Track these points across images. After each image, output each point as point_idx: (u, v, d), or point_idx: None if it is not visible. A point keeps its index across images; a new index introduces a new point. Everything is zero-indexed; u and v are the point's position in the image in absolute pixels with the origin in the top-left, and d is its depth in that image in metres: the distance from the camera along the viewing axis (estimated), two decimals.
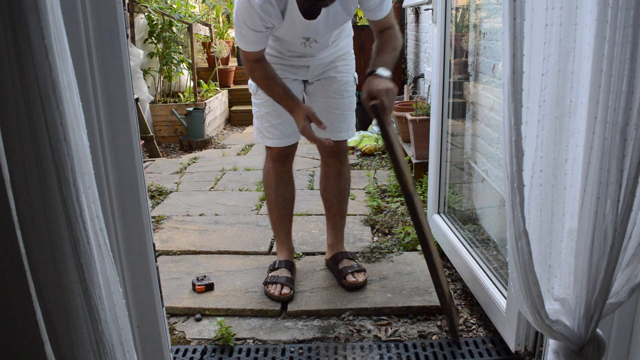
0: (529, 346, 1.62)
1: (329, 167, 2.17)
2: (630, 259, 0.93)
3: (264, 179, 2.17)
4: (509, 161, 0.87)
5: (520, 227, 0.89)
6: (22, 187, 0.68)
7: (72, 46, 0.75)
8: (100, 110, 1.13)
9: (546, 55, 0.86)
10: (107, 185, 1.17)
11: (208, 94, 5.36)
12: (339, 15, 1.83)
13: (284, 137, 2.05)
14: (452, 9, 2.35)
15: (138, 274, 1.28)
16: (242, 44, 1.81)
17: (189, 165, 4.12)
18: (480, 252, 2.09)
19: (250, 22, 1.72)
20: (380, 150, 4.19)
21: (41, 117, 0.66)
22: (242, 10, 1.71)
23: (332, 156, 2.14)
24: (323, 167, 2.21)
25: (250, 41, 1.79)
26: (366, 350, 1.76)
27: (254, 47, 1.81)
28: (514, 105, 0.84)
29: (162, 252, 2.48)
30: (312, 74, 2.04)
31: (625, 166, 0.82)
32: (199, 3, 6.04)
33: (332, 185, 2.18)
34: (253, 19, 1.71)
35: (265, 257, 2.42)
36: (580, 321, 0.95)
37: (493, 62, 2.32)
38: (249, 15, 1.70)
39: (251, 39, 1.78)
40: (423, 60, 4.76)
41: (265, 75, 1.88)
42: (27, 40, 0.64)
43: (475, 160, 2.52)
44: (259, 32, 1.75)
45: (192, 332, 1.89)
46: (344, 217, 2.25)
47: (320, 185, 2.23)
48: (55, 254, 0.70)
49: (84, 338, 0.74)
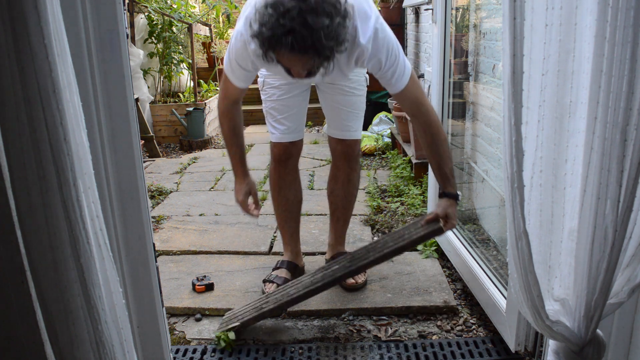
0: (529, 346, 1.62)
1: (338, 170, 2.13)
2: (631, 259, 0.93)
3: (269, 181, 2.15)
4: (509, 161, 0.87)
5: (521, 227, 0.89)
6: (22, 187, 0.68)
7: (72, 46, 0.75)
8: (100, 110, 1.13)
9: (546, 55, 0.86)
10: (107, 185, 1.17)
11: (208, 94, 5.36)
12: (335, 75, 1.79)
13: (288, 132, 2.01)
14: (452, 9, 2.35)
15: (138, 274, 1.28)
16: (229, 73, 1.77)
17: (189, 165, 4.12)
18: (480, 252, 2.09)
19: (242, 61, 1.69)
20: (380, 150, 4.19)
21: (41, 117, 0.66)
22: (237, 47, 1.68)
23: (343, 159, 2.09)
24: (333, 169, 2.17)
25: (237, 76, 1.75)
26: (366, 350, 1.76)
27: (239, 83, 1.77)
28: (514, 105, 0.84)
29: (162, 252, 2.48)
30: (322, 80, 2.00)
31: (625, 166, 0.82)
32: (199, 3, 6.04)
33: (340, 189, 2.14)
34: (244, 58, 1.67)
35: (265, 257, 2.42)
36: (581, 322, 0.95)
37: (493, 62, 2.32)
38: (241, 55, 1.67)
39: (239, 75, 1.75)
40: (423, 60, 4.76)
41: (233, 128, 1.85)
42: (27, 40, 0.64)
43: (475, 160, 2.52)
44: (247, 72, 1.73)
45: (192, 332, 1.89)
46: (347, 221, 2.24)
47: (328, 186, 2.20)
48: (55, 254, 0.70)
49: (84, 338, 0.74)
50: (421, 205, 2.89)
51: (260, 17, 1.40)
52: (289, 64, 1.49)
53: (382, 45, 1.62)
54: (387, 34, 1.65)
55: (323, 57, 1.41)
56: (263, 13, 1.39)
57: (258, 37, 1.42)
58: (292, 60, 1.46)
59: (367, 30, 1.58)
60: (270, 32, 1.38)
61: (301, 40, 1.35)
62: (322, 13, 1.36)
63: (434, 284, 2.11)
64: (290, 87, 1.97)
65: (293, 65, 1.49)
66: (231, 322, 1.83)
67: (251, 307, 1.88)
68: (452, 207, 1.74)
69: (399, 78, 1.68)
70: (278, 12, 1.36)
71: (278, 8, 1.36)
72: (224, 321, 1.87)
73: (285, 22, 1.35)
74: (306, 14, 1.34)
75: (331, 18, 1.37)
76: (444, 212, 1.74)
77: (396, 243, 1.74)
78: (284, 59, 1.46)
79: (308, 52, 1.39)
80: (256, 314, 1.81)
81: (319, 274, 1.86)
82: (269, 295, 1.92)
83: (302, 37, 1.35)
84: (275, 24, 1.36)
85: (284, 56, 1.45)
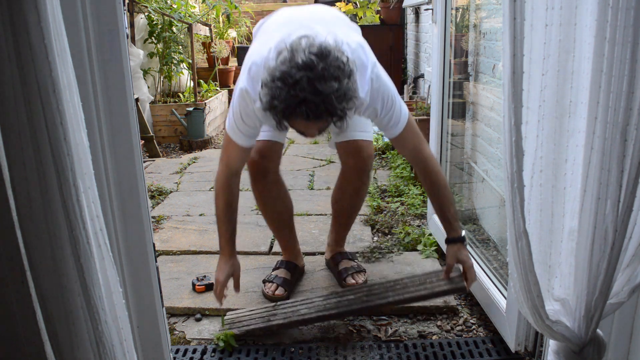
0: (529, 346, 1.62)
1: (348, 183, 2.06)
2: (631, 259, 0.93)
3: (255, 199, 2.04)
4: (509, 161, 0.87)
5: (521, 227, 0.89)
6: (22, 187, 0.68)
7: (72, 46, 0.75)
8: (100, 110, 1.13)
9: (546, 55, 0.86)
10: (107, 185, 1.17)
11: (208, 94, 5.36)
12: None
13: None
14: (452, 9, 2.35)
15: (138, 274, 1.28)
16: (232, 132, 1.71)
17: (189, 165, 4.12)
18: (480, 252, 2.09)
19: (246, 116, 1.65)
20: (380, 150, 4.19)
21: (41, 117, 0.66)
22: (241, 102, 1.65)
23: (355, 173, 2.01)
24: (341, 179, 2.08)
25: (242, 130, 1.70)
26: (366, 350, 1.76)
27: (243, 140, 1.71)
28: (514, 105, 0.84)
29: (162, 252, 2.48)
30: None
31: (625, 166, 0.82)
32: (199, 3, 6.04)
33: (346, 200, 2.10)
34: (248, 113, 1.64)
35: (265, 257, 2.42)
36: (581, 321, 0.95)
37: (493, 62, 2.32)
38: (244, 109, 1.64)
39: (243, 130, 1.70)
40: (423, 60, 4.76)
41: (230, 203, 1.79)
42: (27, 40, 0.64)
43: (475, 160, 2.52)
44: (252, 128, 1.69)
45: (192, 332, 1.89)
46: (350, 225, 2.22)
47: (334, 195, 2.14)
48: (55, 254, 0.70)
49: (84, 338, 0.74)
50: (421, 205, 2.89)
51: (270, 91, 1.41)
52: (304, 128, 1.52)
53: (377, 95, 1.64)
54: (382, 82, 1.66)
55: (336, 118, 1.44)
56: (272, 86, 1.40)
57: (271, 110, 1.44)
58: (307, 126, 1.49)
59: (364, 84, 1.59)
60: (284, 105, 1.39)
61: (314, 107, 1.37)
62: (329, 78, 1.38)
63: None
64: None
65: (307, 129, 1.52)
66: (235, 325, 1.83)
67: (258, 316, 1.86)
68: (461, 249, 1.76)
69: (395, 124, 1.70)
70: (287, 84, 1.37)
71: (287, 80, 1.37)
72: (227, 322, 1.87)
73: (296, 92, 1.36)
74: (315, 81, 1.36)
75: (339, 80, 1.40)
76: (454, 258, 1.77)
77: (417, 290, 1.75)
78: (298, 125, 1.50)
79: (322, 117, 1.42)
80: (263, 325, 1.80)
81: (332, 299, 1.84)
82: (277, 306, 1.91)
83: (315, 105, 1.37)
84: (287, 96, 1.38)
85: (298, 124, 1.48)
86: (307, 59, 1.37)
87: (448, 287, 1.75)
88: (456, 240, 1.77)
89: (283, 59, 1.40)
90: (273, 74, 1.40)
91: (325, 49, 1.40)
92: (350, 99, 1.44)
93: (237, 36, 6.53)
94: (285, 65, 1.38)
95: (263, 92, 1.44)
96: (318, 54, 1.38)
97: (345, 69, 1.42)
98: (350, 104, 1.45)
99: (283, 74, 1.38)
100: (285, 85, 1.37)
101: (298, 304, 1.89)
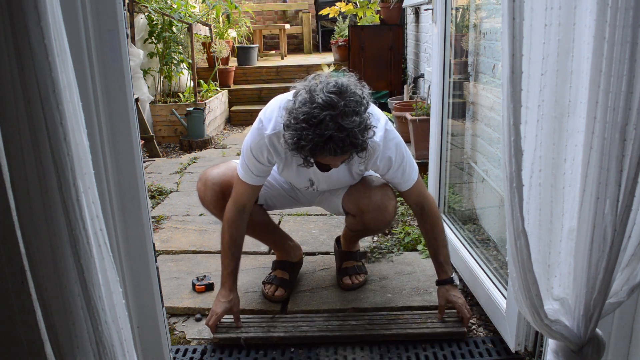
0: (529, 346, 1.62)
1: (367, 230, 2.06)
2: (630, 258, 0.93)
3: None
4: (508, 161, 0.87)
5: (519, 226, 0.89)
6: (22, 187, 0.68)
7: (72, 46, 0.75)
8: (100, 110, 1.13)
9: (545, 55, 0.86)
10: (107, 185, 1.17)
11: (208, 94, 5.36)
12: (342, 176, 1.83)
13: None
14: (452, 9, 2.35)
15: (138, 274, 1.28)
16: (242, 171, 1.77)
17: (189, 165, 4.12)
18: (480, 252, 2.09)
19: (257, 150, 1.69)
20: None
21: (41, 117, 0.66)
22: (253, 138, 1.70)
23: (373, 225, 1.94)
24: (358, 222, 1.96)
25: (249, 169, 1.74)
26: (366, 350, 1.76)
27: (250, 179, 1.76)
28: (513, 105, 0.84)
29: (162, 252, 2.48)
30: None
31: (624, 166, 0.82)
32: (199, 3, 6.03)
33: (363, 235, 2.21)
34: (260, 148, 1.69)
35: (265, 257, 2.42)
36: (580, 321, 0.95)
37: (493, 62, 2.32)
38: (257, 143, 1.69)
39: (251, 167, 1.73)
40: (423, 60, 4.76)
41: (236, 238, 1.82)
42: (27, 40, 0.64)
43: (475, 160, 2.52)
44: (261, 164, 1.72)
45: (192, 332, 1.89)
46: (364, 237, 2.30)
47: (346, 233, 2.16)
48: (55, 254, 0.70)
49: (84, 338, 0.74)
50: None
51: (295, 132, 1.46)
52: (330, 162, 1.58)
53: (392, 144, 1.71)
54: (396, 135, 1.76)
55: (360, 149, 1.51)
56: (296, 128, 1.46)
57: (298, 150, 1.50)
58: (333, 160, 1.55)
59: (379, 130, 1.65)
60: (311, 144, 1.44)
61: (340, 143, 1.44)
62: (350, 113, 1.44)
63: (434, 284, 2.10)
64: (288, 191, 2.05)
65: (333, 162, 1.58)
66: (231, 330, 1.81)
67: (256, 324, 1.86)
68: (451, 291, 1.84)
69: (409, 176, 1.78)
70: (312, 124, 1.42)
71: (311, 121, 1.43)
72: (223, 326, 1.84)
73: (322, 132, 1.42)
74: (338, 118, 1.42)
75: (359, 114, 1.46)
76: (445, 300, 1.84)
77: (419, 327, 1.83)
78: (324, 160, 1.56)
79: (348, 150, 1.49)
80: (262, 335, 1.80)
81: (334, 322, 1.86)
82: (276, 316, 1.92)
83: (341, 140, 1.43)
84: (313, 136, 1.43)
85: (325, 159, 1.55)
86: (326, 97, 1.42)
87: (447, 330, 1.81)
88: (446, 282, 1.85)
89: (303, 100, 1.45)
90: (296, 115, 1.46)
91: (342, 86, 1.46)
92: (370, 128, 1.51)
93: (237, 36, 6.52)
94: (307, 106, 1.44)
95: (288, 134, 1.49)
96: (336, 92, 1.44)
97: (363, 102, 1.49)
98: (370, 134, 1.52)
99: (307, 116, 1.43)
100: (310, 126, 1.43)
101: (299, 319, 1.89)
